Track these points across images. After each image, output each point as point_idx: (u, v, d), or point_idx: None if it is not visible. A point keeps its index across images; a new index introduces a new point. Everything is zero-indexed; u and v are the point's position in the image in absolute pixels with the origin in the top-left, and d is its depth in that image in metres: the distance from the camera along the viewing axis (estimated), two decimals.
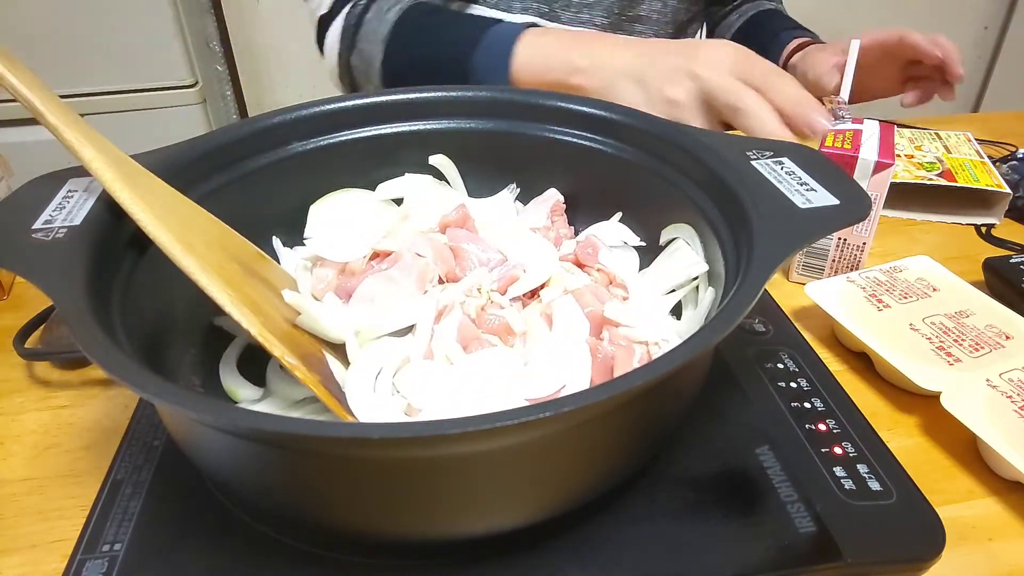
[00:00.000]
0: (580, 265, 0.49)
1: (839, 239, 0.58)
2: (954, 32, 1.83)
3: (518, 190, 0.54)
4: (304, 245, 0.50)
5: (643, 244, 0.51)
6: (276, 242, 0.50)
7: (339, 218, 0.51)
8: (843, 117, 0.59)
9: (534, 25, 0.69)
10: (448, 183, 0.54)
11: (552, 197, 0.53)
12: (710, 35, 0.95)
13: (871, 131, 0.58)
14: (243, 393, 0.43)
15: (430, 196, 0.52)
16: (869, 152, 0.55)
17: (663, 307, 0.46)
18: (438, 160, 0.53)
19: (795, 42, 0.82)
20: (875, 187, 0.55)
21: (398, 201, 0.53)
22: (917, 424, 0.47)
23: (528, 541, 0.36)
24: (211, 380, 0.44)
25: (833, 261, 0.59)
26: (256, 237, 0.49)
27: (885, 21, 1.74)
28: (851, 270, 0.59)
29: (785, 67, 0.80)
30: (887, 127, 0.58)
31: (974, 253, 0.63)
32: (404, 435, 0.27)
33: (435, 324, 0.43)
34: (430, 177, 0.53)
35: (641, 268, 0.50)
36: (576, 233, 0.53)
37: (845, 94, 0.60)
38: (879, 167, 0.54)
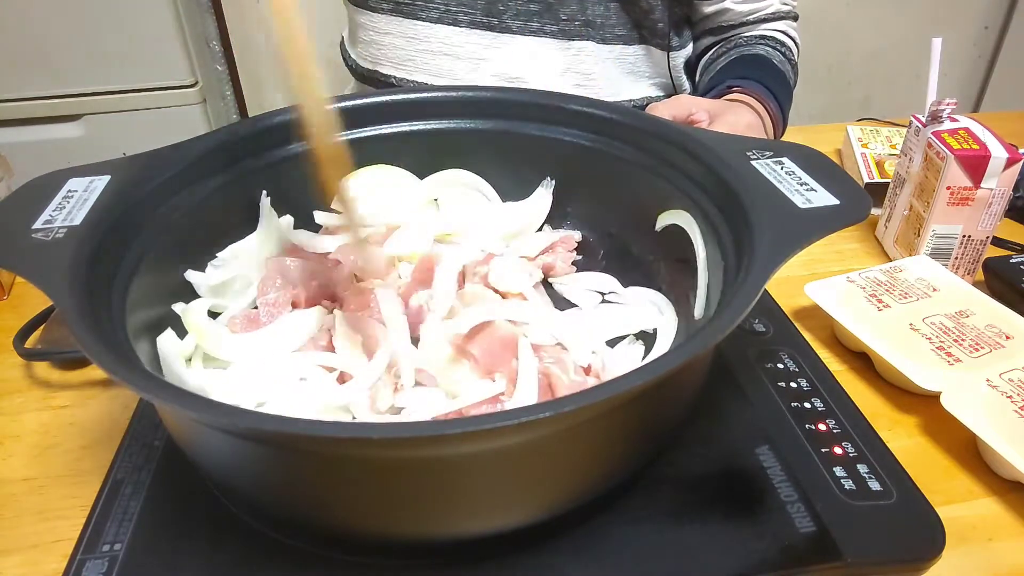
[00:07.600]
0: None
1: (964, 236, 0.58)
2: (954, 32, 1.84)
3: (553, 182, 0.55)
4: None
5: (618, 294, 0.51)
6: (264, 201, 0.49)
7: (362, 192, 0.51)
8: (943, 119, 0.59)
9: None
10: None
11: (567, 233, 0.54)
12: (702, 71, 0.86)
13: (978, 127, 0.58)
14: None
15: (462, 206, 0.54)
16: (998, 149, 0.55)
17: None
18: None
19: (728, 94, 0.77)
20: (1005, 183, 0.56)
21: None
22: (917, 424, 0.47)
23: (528, 541, 0.36)
24: None
25: (956, 258, 0.59)
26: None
27: (885, 21, 1.75)
28: (972, 264, 0.59)
29: None
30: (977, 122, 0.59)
31: None
32: (404, 435, 0.27)
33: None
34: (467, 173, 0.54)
35: (629, 284, 0.51)
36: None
37: (932, 93, 0.60)
38: (1009, 163, 0.55)
